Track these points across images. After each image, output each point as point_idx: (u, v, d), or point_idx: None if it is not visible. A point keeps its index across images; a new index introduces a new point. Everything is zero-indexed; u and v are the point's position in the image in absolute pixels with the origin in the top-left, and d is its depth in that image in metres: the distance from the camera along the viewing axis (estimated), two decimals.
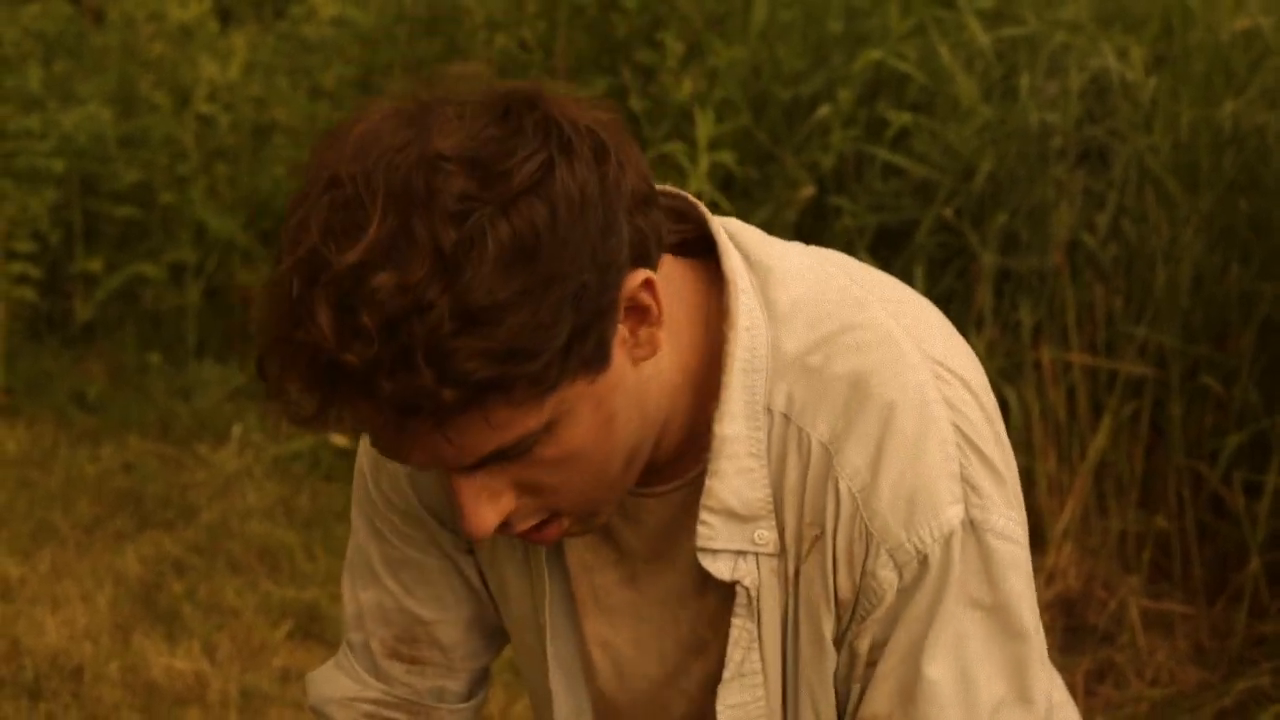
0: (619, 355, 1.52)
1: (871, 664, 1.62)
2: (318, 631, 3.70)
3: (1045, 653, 1.66)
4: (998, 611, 1.61)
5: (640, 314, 1.53)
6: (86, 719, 3.30)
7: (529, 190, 1.45)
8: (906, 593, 1.60)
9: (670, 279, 1.59)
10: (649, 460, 1.62)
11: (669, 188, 1.66)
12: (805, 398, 1.60)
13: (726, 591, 1.64)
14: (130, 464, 4.56)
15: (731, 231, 1.66)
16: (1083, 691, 3.53)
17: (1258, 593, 3.69)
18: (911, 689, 1.60)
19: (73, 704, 3.35)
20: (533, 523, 1.59)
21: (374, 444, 1.54)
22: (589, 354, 1.49)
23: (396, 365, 1.43)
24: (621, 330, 1.52)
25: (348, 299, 1.42)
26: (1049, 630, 3.62)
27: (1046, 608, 3.72)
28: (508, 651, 1.89)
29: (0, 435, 4.69)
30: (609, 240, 1.48)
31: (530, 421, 1.49)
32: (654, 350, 1.55)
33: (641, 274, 1.52)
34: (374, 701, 1.86)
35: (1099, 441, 3.86)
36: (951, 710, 1.60)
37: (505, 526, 1.57)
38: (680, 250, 1.64)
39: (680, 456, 1.63)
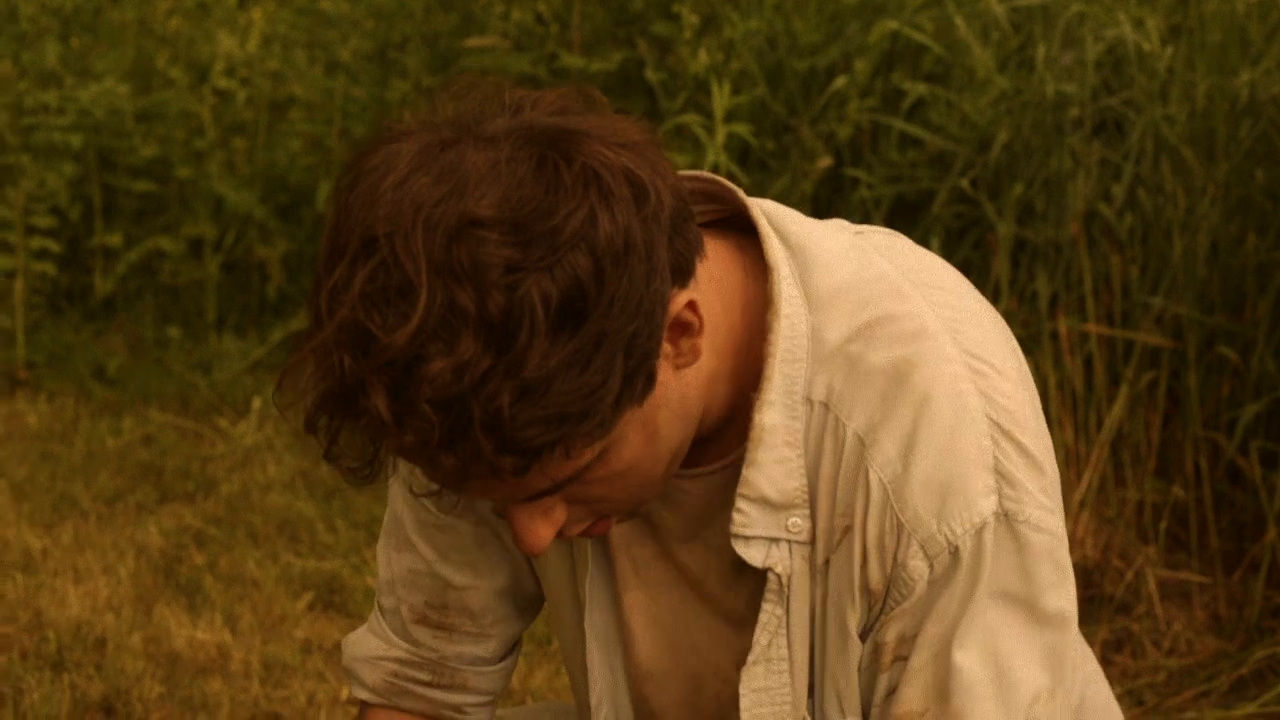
0: (663, 370, 1.53)
1: (901, 657, 1.62)
2: (338, 603, 3.72)
3: (1077, 636, 1.66)
4: (1031, 603, 1.61)
5: (683, 328, 1.54)
6: (109, 690, 3.32)
7: (573, 246, 1.43)
8: (937, 584, 1.60)
9: (707, 269, 1.58)
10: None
11: (701, 173, 1.65)
12: (844, 388, 1.60)
13: (760, 575, 1.65)
14: (151, 437, 4.58)
15: (768, 213, 1.66)
16: (1100, 661, 3.54)
17: (1275, 562, 3.69)
18: (945, 682, 1.60)
19: (96, 675, 3.37)
20: (583, 527, 1.61)
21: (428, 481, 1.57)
22: (639, 390, 1.50)
23: (454, 440, 1.44)
24: (666, 347, 1.53)
25: (402, 383, 1.42)
26: None
27: None
28: (532, 624, 1.90)
29: (21, 409, 4.72)
30: (654, 283, 1.47)
31: (585, 459, 1.52)
32: (696, 357, 1.56)
33: (684, 296, 1.52)
34: (399, 660, 1.87)
35: (1116, 412, 3.86)
36: (988, 703, 1.60)
37: (557, 535, 1.60)
38: (711, 229, 1.64)
39: (718, 438, 1.64)
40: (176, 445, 4.51)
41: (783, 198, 4.33)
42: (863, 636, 1.64)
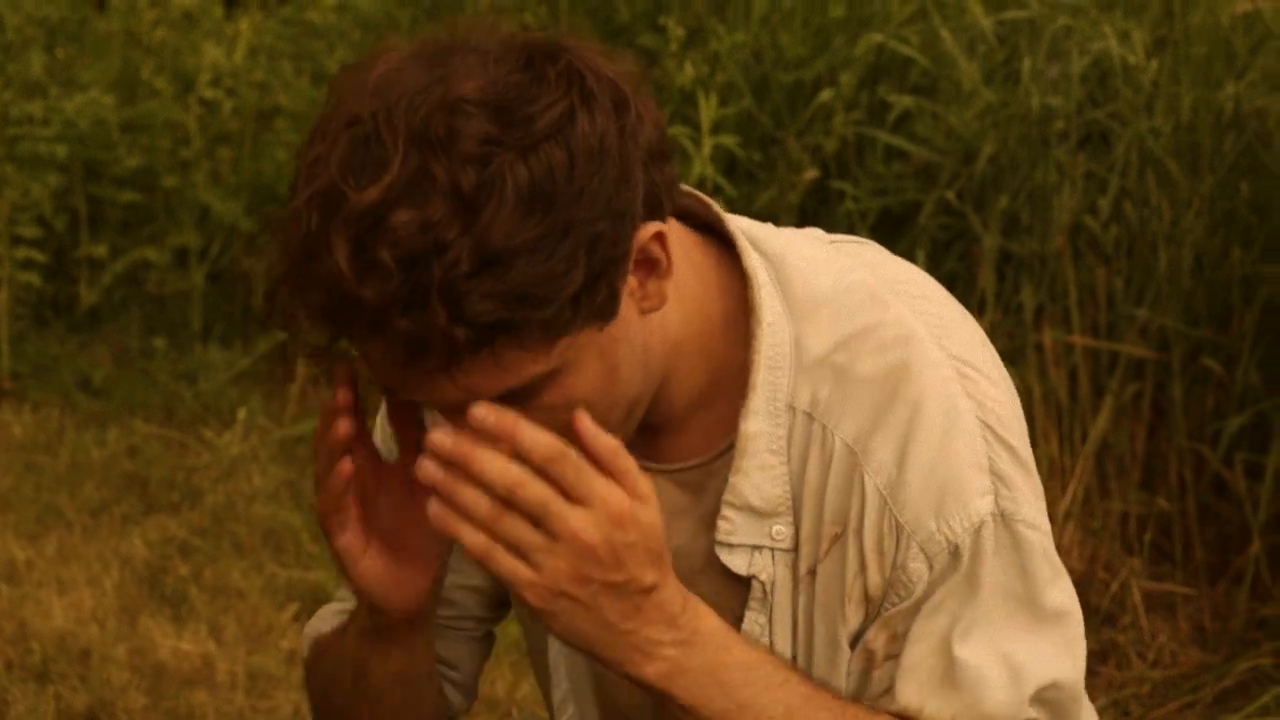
0: (627, 306, 1.53)
1: (892, 656, 1.62)
2: None
3: (1081, 630, 1.66)
4: (1031, 599, 1.61)
5: (650, 266, 1.54)
6: (94, 701, 3.31)
7: (549, 136, 1.45)
8: (935, 584, 1.60)
9: (681, 243, 1.60)
10: (652, 423, 1.63)
11: (682, 187, 1.65)
12: (830, 398, 1.61)
13: (734, 580, 1.65)
14: (136, 448, 4.57)
15: (743, 227, 1.67)
16: (1085, 672, 3.54)
17: (1259, 574, 3.70)
18: (949, 676, 1.60)
19: (80, 686, 3.36)
20: None
21: (381, 379, 1.54)
22: (600, 303, 1.50)
23: (411, 303, 1.44)
24: (631, 281, 1.53)
25: (367, 235, 1.43)
26: None
27: None
28: (516, 633, 1.90)
29: (6, 420, 4.71)
30: (624, 191, 1.49)
31: (537, 366, 1.50)
32: (662, 302, 1.56)
33: (653, 226, 1.53)
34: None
35: (1100, 423, 3.86)
36: (999, 692, 1.60)
37: None
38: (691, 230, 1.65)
39: (683, 432, 1.65)
40: (161, 456, 4.50)
41: (769, 209, 4.34)
42: (853, 642, 1.64)
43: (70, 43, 5.59)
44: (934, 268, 4.14)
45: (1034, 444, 3.84)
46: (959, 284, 4.13)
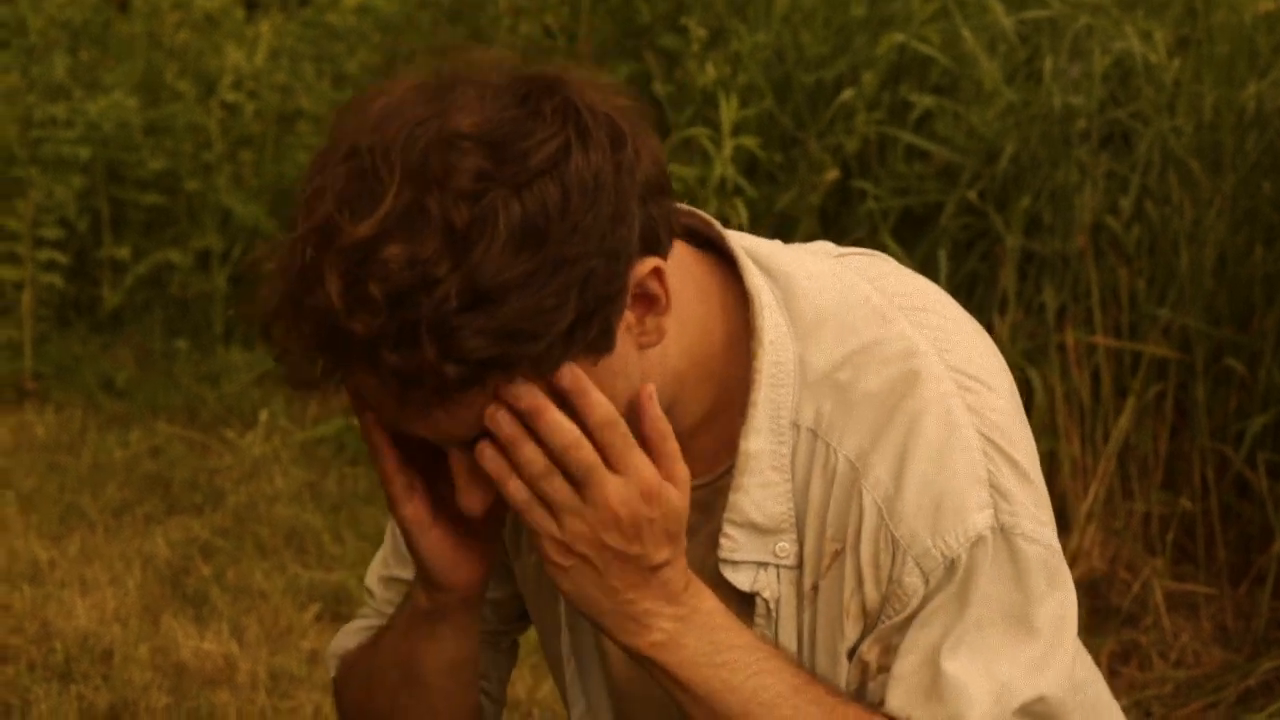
0: (624, 341, 1.53)
1: (885, 668, 1.63)
2: (345, 613, 3.72)
3: (1074, 644, 1.66)
4: (1024, 614, 1.61)
5: (648, 302, 1.55)
6: (116, 701, 3.32)
7: (544, 172, 1.46)
8: (929, 598, 1.61)
9: (684, 266, 1.60)
10: None
11: (681, 206, 1.67)
12: (834, 414, 1.62)
13: (741, 598, 1.66)
14: (158, 449, 4.58)
15: (747, 246, 1.67)
16: (1107, 673, 3.53)
17: None
18: (935, 688, 1.60)
19: (103, 686, 3.37)
20: None
21: (377, 413, 1.55)
22: (593, 338, 1.50)
23: (401, 338, 1.45)
24: (629, 316, 1.53)
25: (358, 269, 1.44)
26: None
27: None
28: (536, 635, 1.90)
29: (29, 420, 4.72)
30: (619, 228, 1.49)
31: (526, 400, 1.51)
32: (660, 338, 1.56)
33: (651, 262, 1.53)
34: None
35: (1123, 423, 3.86)
36: (981, 706, 1.60)
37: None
38: (695, 250, 1.65)
39: (693, 454, 1.64)
40: (184, 457, 4.51)
41: (790, 210, 4.34)
42: (850, 655, 1.64)
43: (93, 45, 5.61)
44: (956, 268, 4.14)
45: (1056, 444, 3.86)
46: (981, 284, 4.13)
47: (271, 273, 1.49)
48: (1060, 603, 1.63)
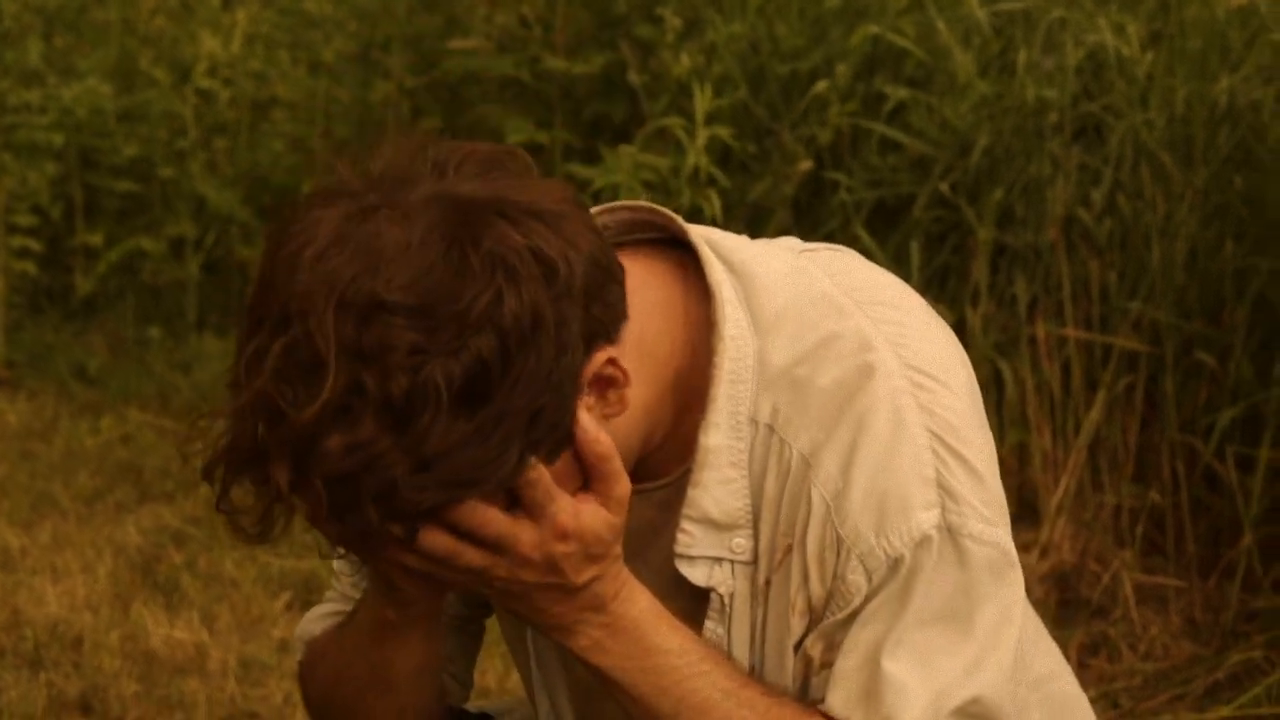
0: (587, 419, 1.55)
1: (827, 665, 1.63)
2: (316, 602, 3.71)
3: (1016, 645, 1.66)
4: (967, 614, 1.61)
5: (607, 382, 1.55)
6: (87, 688, 3.31)
7: (479, 328, 1.46)
8: (872, 596, 1.61)
9: (646, 284, 1.61)
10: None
11: (639, 202, 1.68)
12: (789, 410, 1.62)
13: (700, 594, 1.66)
14: (130, 436, 4.57)
15: (710, 239, 1.67)
16: (1076, 665, 3.54)
17: (1250, 567, 3.70)
18: (872, 688, 1.60)
19: (73, 673, 3.36)
20: None
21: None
22: (548, 451, 1.53)
23: (346, 510, 1.48)
24: (588, 400, 1.54)
25: (303, 458, 1.47)
26: (1043, 604, 3.64)
27: (1040, 581, 3.74)
28: None
29: (1, 408, 4.71)
30: (564, 357, 1.50)
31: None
32: (625, 407, 1.57)
33: (604, 354, 1.54)
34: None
35: (1093, 416, 3.87)
36: (916, 708, 1.60)
37: None
38: (653, 251, 1.66)
39: (658, 455, 1.65)
40: (156, 445, 4.51)
41: (764, 201, 4.34)
42: (796, 649, 1.65)
43: (68, 31, 5.59)
44: (928, 260, 4.15)
45: (1026, 436, 3.87)
46: (953, 276, 4.13)
47: (223, 435, 1.52)
48: (1005, 603, 1.63)
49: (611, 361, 1.54)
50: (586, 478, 1.57)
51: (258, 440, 1.48)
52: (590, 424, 1.55)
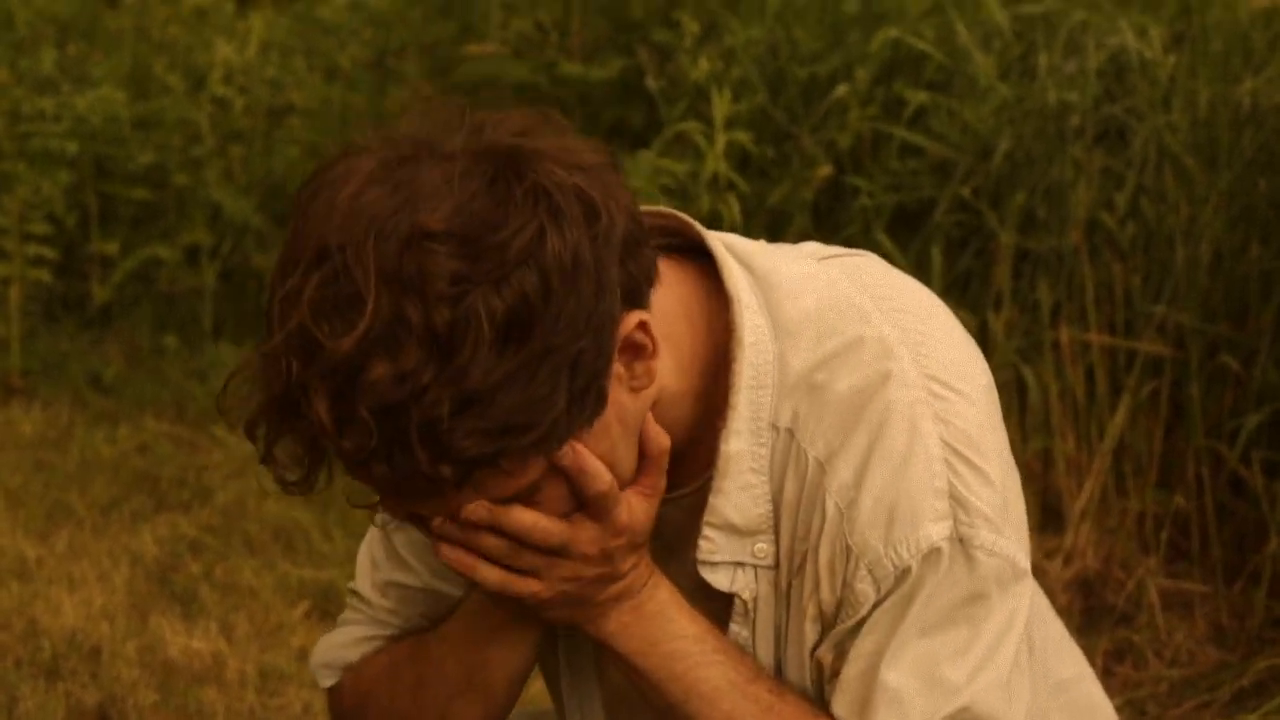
0: (616, 391, 1.54)
1: (836, 672, 1.63)
2: (335, 611, 3.69)
3: (1015, 655, 1.65)
4: (972, 626, 1.61)
5: (636, 350, 1.55)
6: (104, 698, 3.30)
7: (522, 262, 1.45)
8: (878, 604, 1.61)
9: (669, 286, 1.60)
10: None
11: (660, 208, 1.67)
12: (808, 415, 1.62)
13: (726, 597, 1.66)
14: (146, 445, 4.56)
15: (730, 245, 1.67)
16: (1101, 672, 3.53)
17: (1277, 573, 3.68)
18: (872, 697, 1.60)
19: (90, 684, 3.35)
20: None
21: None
22: (588, 409, 1.51)
23: (393, 450, 1.45)
24: (618, 368, 1.53)
25: (345, 388, 1.44)
26: (1067, 611, 3.62)
27: (1064, 588, 3.72)
28: None
29: (16, 417, 4.70)
30: (602, 302, 1.49)
31: (531, 475, 1.53)
32: (651, 380, 1.56)
33: (635, 316, 1.53)
34: (393, 639, 1.83)
35: (1118, 421, 3.85)
36: (915, 713, 1.60)
37: None
38: (675, 257, 1.65)
39: (688, 460, 1.65)
40: (172, 454, 4.49)
41: (783, 206, 4.32)
42: (811, 654, 1.65)
43: (82, 39, 5.59)
44: (949, 265, 4.13)
45: (1050, 442, 3.85)
46: (975, 281, 4.12)
47: (257, 383, 1.48)
48: (1008, 612, 1.62)
49: (642, 325, 1.53)
50: (638, 471, 1.58)
51: (291, 380, 1.44)
52: (652, 423, 1.57)
